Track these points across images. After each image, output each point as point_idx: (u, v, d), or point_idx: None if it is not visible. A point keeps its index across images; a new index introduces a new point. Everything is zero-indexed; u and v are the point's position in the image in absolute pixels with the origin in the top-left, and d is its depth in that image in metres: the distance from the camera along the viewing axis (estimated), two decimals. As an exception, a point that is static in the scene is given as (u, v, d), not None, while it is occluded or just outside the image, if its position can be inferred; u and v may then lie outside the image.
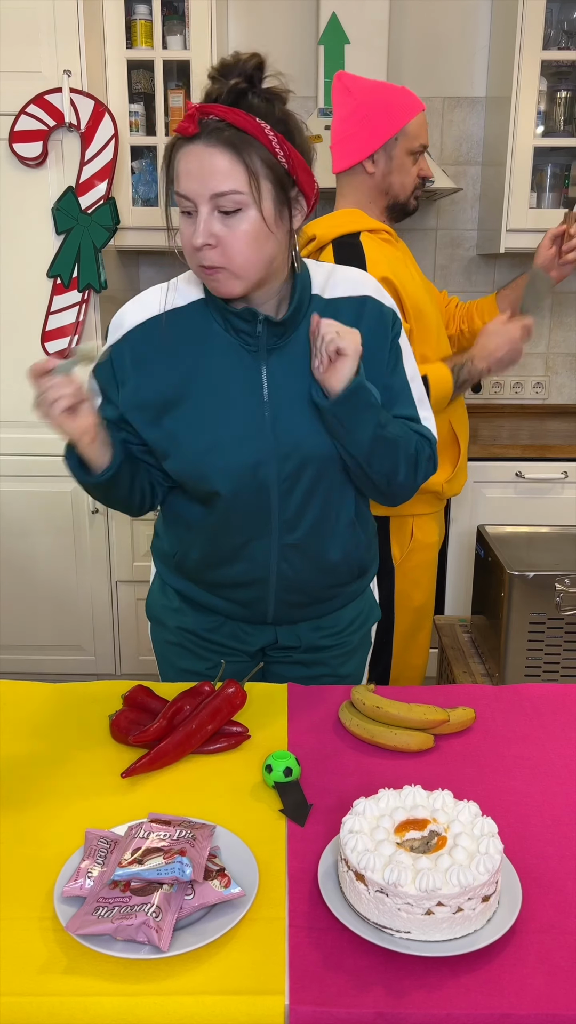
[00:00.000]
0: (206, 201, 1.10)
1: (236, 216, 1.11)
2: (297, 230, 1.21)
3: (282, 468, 1.27)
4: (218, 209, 1.11)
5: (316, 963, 0.85)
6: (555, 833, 1.05)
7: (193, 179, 1.09)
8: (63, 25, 2.52)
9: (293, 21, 3.04)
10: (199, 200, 1.10)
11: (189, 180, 1.10)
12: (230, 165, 1.08)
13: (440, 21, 3.04)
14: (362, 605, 1.53)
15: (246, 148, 1.08)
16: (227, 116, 1.07)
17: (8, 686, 1.39)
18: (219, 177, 1.08)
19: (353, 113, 1.89)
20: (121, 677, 3.03)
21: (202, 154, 1.08)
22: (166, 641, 1.52)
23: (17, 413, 2.81)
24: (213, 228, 1.12)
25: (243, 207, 1.11)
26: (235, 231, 1.12)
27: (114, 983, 0.82)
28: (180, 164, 1.10)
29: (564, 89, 2.86)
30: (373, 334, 1.27)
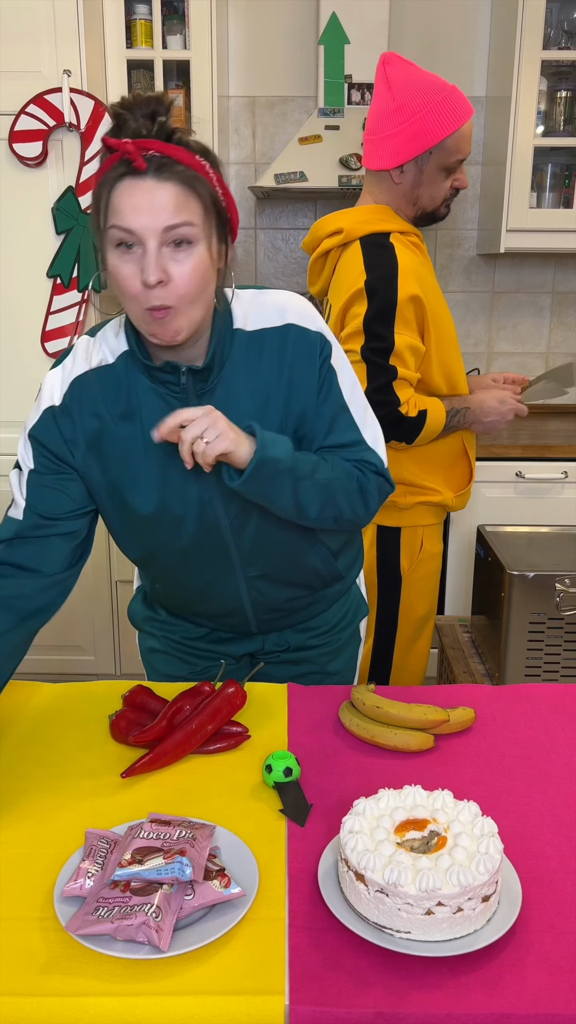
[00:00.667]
0: (156, 236, 1.05)
1: (184, 250, 1.07)
2: (228, 266, 1.17)
3: (229, 508, 1.25)
4: (166, 244, 1.06)
5: (316, 963, 0.85)
6: (555, 833, 1.05)
7: (143, 213, 1.04)
8: (63, 25, 2.52)
9: (293, 21, 3.04)
10: (147, 235, 1.05)
11: (138, 215, 1.04)
12: (184, 198, 1.05)
13: (440, 21, 3.04)
14: (348, 603, 1.53)
15: (196, 182, 1.07)
16: (172, 153, 1.05)
17: (8, 686, 1.39)
18: (171, 211, 1.05)
19: (388, 113, 1.76)
20: (121, 677, 3.03)
21: (153, 189, 1.04)
22: (151, 648, 1.52)
23: (17, 413, 2.80)
24: (163, 263, 1.06)
25: (194, 241, 1.07)
26: (183, 266, 1.07)
27: (114, 983, 0.82)
28: (123, 199, 1.05)
29: (564, 89, 2.86)
30: (299, 363, 1.22)
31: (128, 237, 1.06)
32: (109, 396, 1.21)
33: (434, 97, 1.74)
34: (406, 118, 1.74)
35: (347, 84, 2.84)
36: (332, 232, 1.87)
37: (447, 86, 1.76)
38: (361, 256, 1.78)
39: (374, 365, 1.75)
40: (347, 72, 2.84)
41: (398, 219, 1.85)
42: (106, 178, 1.06)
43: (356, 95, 2.86)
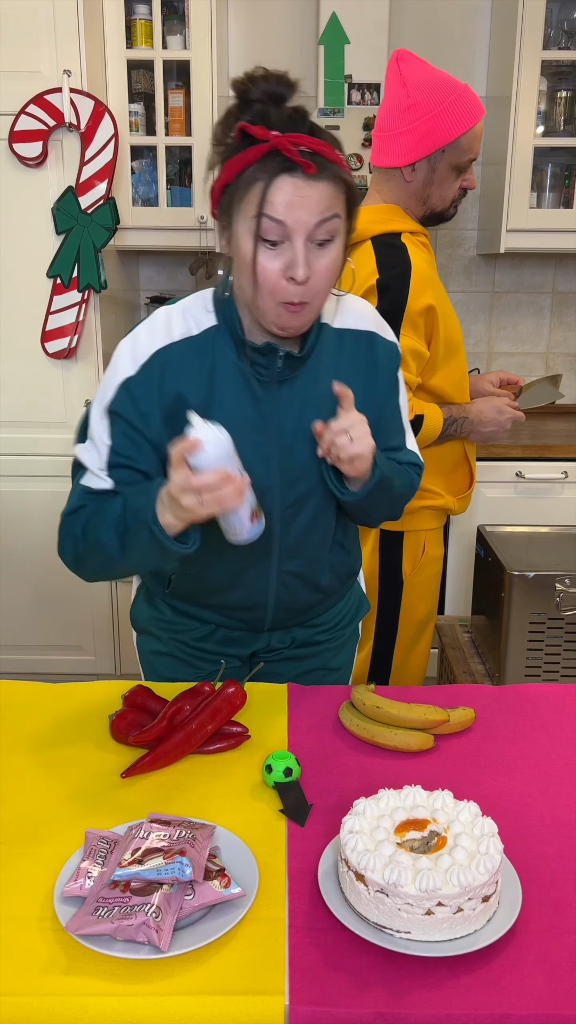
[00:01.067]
0: (305, 232, 1.08)
1: (326, 247, 1.11)
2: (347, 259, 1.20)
3: (286, 496, 1.28)
4: (311, 241, 1.09)
5: (316, 963, 0.85)
6: (555, 833, 1.05)
7: (297, 209, 1.06)
8: (63, 25, 2.52)
9: (293, 21, 3.04)
10: (298, 231, 1.08)
11: (291, 211, 1.06)
12: (334, 195, 1.08)
13: (440, 21, 3.04)
14: (352, 599, 1.55)
15: (342, 176, 1.09)
16: (320, 149, 1.07)
17: (8, 686, 1.39)
18: (324, 207, 1.08)
19: (402, 111, 1.75)
20: (121, 677, 3.03)
21: (307, 186, 1.06)
22: (154, 652, 1.50)
23: (17, 413, 2.81)
24: (308, 259, 1.09)
25: (335, 237, 1.11)
26: (323, 263, 1.11)
27: (114, 983, 0.82)
28: (278, 194, 1.06)
29: (564, 89, 2.86)
30: (376, 370, 1.30)
31: (278, 231, 1.08)
32: (190, 370, 1.22)
33: (449, 95, 1.74)
34: (420, 115, 1.73)
35: (347, 84, 2.84)
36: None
37: (460, 85, 1.76)
38: (373, 256, 1.77)
39: None
40: (347, 72, 2.84)
41: (408, 219, 1.84)
42: (256, 171, 1.07)
43: (356, 95, 2.86)
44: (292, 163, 1.05)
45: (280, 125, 1.07)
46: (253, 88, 1.08)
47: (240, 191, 1.09)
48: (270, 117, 1.07)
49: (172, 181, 2.92)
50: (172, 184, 2.92)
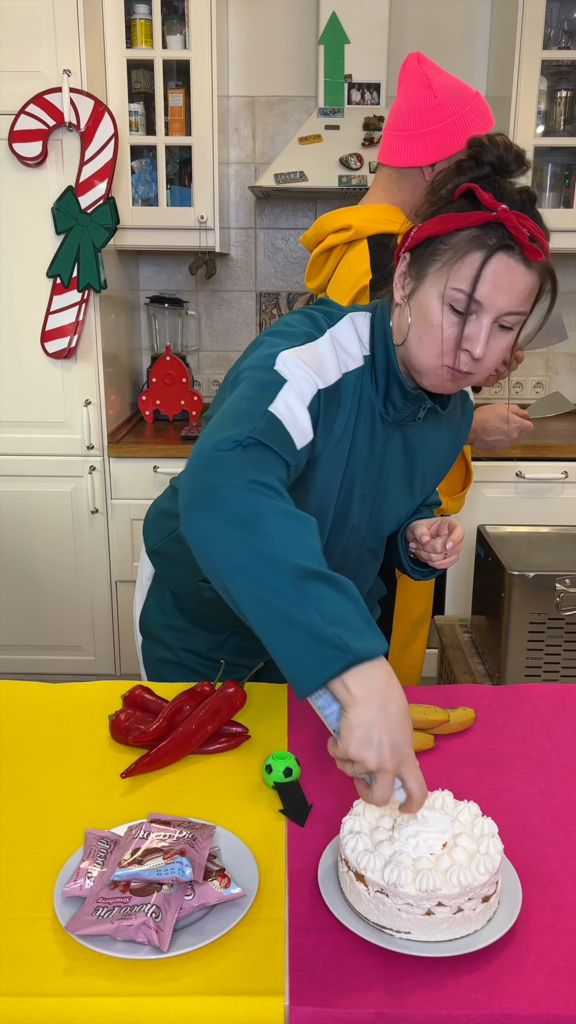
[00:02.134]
0: (495, 314, 1.05)
1: (507, 332, 1.08)
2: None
3: (368, 538, 1.32)
4: (497, 323, 1.06)
5: (316, 963, 0.85)
6: (555, 833, 1.05)
7: (502, 293, 1.03)
8: (63, 25, 2.52)
9: (293, 21, 3.04)
10: (490, 312, 1.04)
11: (498, 293, 1.03)
12: (535, 288, 1.06)
13: (440, 21, 3.04)
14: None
15: (550, 273, 1.07)
16: (541, 239, 1.04)
17: (8, 686, 1.39)
18: (524, 298, 1.05)
19: (427, 110, 1.75)
20: (121, 677, 3.03)
21: (519, 272, 1.03)
22: (161, 659, 1.48)
23: (17, 413, 2.81)
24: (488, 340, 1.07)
25: (515, 327, 1.08)
26: (499, 345, 1.08)
27: (114, 983, 0.82)
28: (489, 272, 1.02)
29: (564, 89, 2.86)
30: (461, 428, 1.36)
31: (472, 307, 1.04)
32: (350, 397, 1.16)
33: (471, 99, 1.75)
34: (446, 116, 1.74)
35: (347, 84, 2.84)
36: (339, 228, 1.85)
37: (475, 91, 1.79)
38: (368, 255, 1.77)
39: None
40: (347, 72, 2.84)
41: (407, 221, 1.84)
42: (478, 239, 1.02)
43: (356, 95, 2.86)
44: (513, 242, 1.01)
45: (509, 200, 1.03)
46: (487, 151, 1.04)
47: (449, 252, 1.05)
48: (502, 188, 1.03)
49: (172, 181, 2.92)
50: (172, 184, 2.92)
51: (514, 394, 3.36)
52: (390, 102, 3.01)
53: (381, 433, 1.21)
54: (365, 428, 1.19)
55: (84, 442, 2.80)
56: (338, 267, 1.87)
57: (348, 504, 1.23)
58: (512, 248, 1.02)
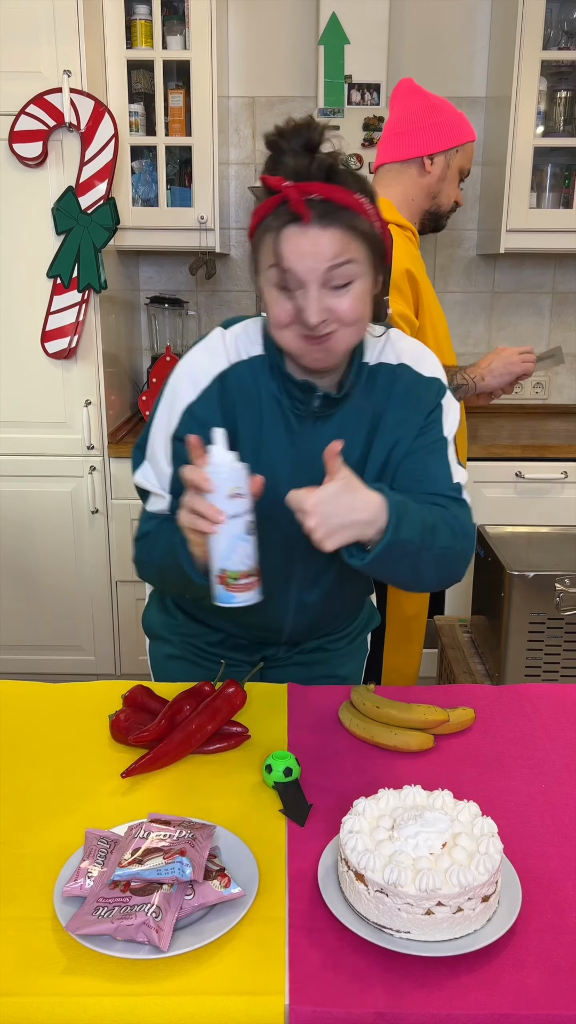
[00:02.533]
0: (317, 279, 1.08)
1: (344, 289, 1.10)
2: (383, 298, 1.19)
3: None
4: (327, 285, 1.09)
5: (316, 963, 0.85)
6: (555, 833, 1.05)
7: (307, 258, 1.07)
8: (63, 25, 2.52)
9: (293, 21, 3.04)
10: (310, 278, 1.08)
11: (302, 260, 1.07)
12: (346, 241, 1.07)
13: (440, 21, 3.04)
14: (363, 615, 1.56)
15: (355, 226, 1.08)
16: (332, 195, 1.06)
17: (8, 686, 1.39)
18: (334, 254, 1.07)
19: (423, 110, 1.90)
20: (121, 677, 3.03)
21: (317, 236, 1.06)
22: (167, 656, 1.51)
23: (17, 413, 2.80)
24: (324, 303, 1.09)
25: (353, 279, 1.09)
26: (344, 300, 1.10)
27: (114, 983, 0.82)
28: (286, 246, 1.07)
29: (564, 89, 2.86)
30: (412, 406, 1.24)
31: (291, 279, 1.08)
32: (239, 395, 1.22)
33: (457, 110, 1.93)
34: (443, 114, 1.90)
35: (347, 84, 2.84)
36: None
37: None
38: None
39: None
40: (347, 72, 2.84)
41: (398, 214, 1.92)
42: (268, 223, 1.08)
43: (356, 95, 2.86)
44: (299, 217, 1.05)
45: (295, 175, 1.06)
46: (281, 141, 1.08)
47: (259, 241, 1.11)
48: (288, 167, 1.07)
49: (172, 181, 2.92)
50: (172, 184, 2.92)
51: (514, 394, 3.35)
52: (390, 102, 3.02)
53: (299, 428, 1.23)
54: (276, 424, 1.22)
55: (84, 442, 2.80)
56: None
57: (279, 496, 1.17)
58: (300, 218, 1.05)
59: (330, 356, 1.15)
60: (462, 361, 3.36)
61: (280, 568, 1.28)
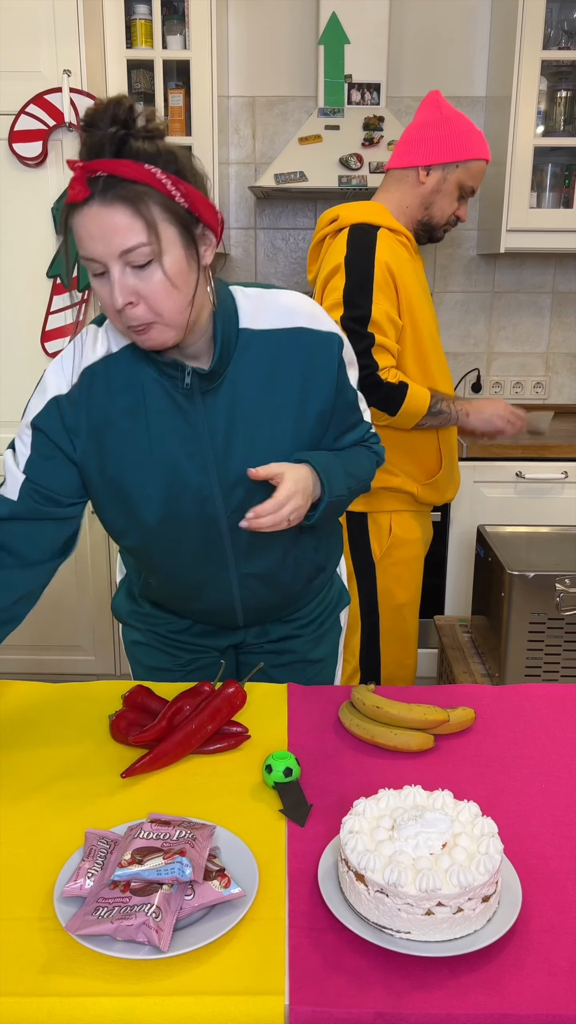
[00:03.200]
0: (115, 260, 1.05)
1: (148, 268, 1.06)
2: (209, 265, 1.16)
3: (228, 501, 1.26)
4: (129, 265, 1.06)
5: (316, 963, 0.85)
6: (555, 833, 1.05)
7: (97, 241, 1.04)
8: (63, 25, 2.52)
9: (293, 21, 3.04)
10: (108, 260, 1.05)
11: (93, 243, 1.04)
12: (130, 220, 1.03)
13: (440, 21, 3.04)
14: (331, 595, 1.56)
15: (141, 199, 1.03)
16: (115, 170, 1.02)
17: (8, 686, 1.39)
18: (121, 234, 1.03)
19: (434, 123, 1.93)
20: (121, 677, 3.03)
21: (99, 215, 1.03)
22: (134, 641, 1.54)
23: (17, 413, 2.80)
24: (129, 284, 1.06)
25: (153, 258, 1.06)
26: (151, 283, 1.07)
27: (114, 983, 0.82)
28: (79, 229, 1.05)
29: (564, 89, 2.86)
30: (316, 367, 1.24)
31: (92, 265, 1.07)
32: (116, 387, 1.21)
33: (472, 127, 1.95)
34: (449, 129, 1.92)
35: (347, 84, 2.84)
36: (330, 221, 1.99)
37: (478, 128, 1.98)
38: (346, 240, 1.90)
39: (353, 333, 1.84)
40: (347, 72, 2.84)
41: (392, 219, 1.95)
42: (66, 210, 1.06)
43: (356, 95, 2.86)
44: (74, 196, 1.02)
45: (88, 153, 1.03)
46: (88, 119, 1.03)
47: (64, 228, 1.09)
48: (84, 146, 1.03)
49: (172, 181, 2.92)
50: (172, 184, 2.91)
51: (514, 394, 3.36)
52: (390, 102, 3.02)
53: (188, 405, 1.21)
54: (163, 405, 1.21)
55: (84, 442, 2.80)
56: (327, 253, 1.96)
57: (181, 476, 1.22)
58: (88, 200, 1.02)
59: (158, 339, 1.12)
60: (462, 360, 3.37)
61: (209, 545, 1.30)
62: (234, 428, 1.23)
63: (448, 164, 1.92)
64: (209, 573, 1.33)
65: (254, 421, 1.23)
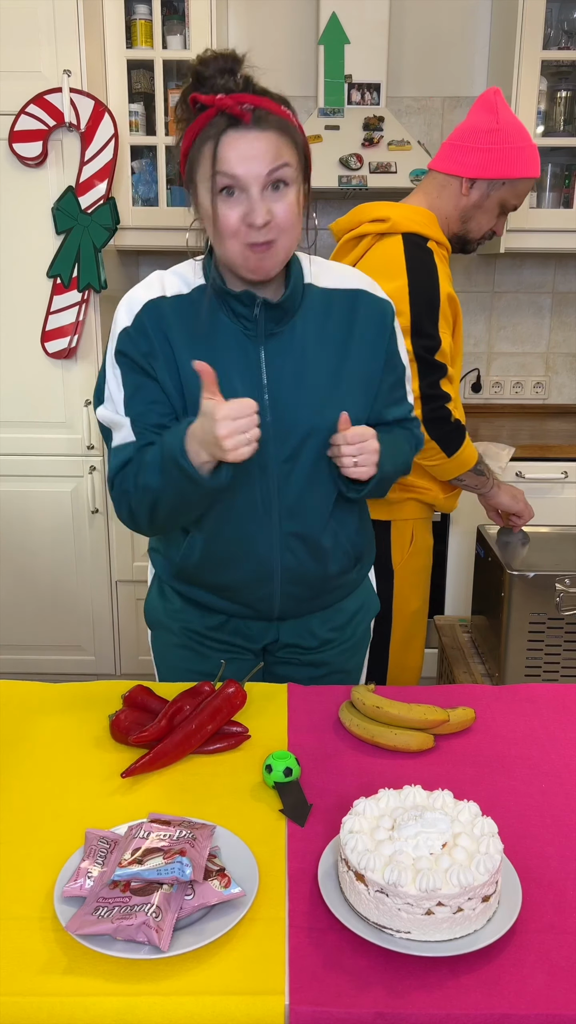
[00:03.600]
0: (259, 181, 1.16)
1: (282, 191, 1.18)
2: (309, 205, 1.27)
3: (280, 450, 1.30)
4: (266, 187, 1.17)
5: (316, 963, 0.85)
6: (555, 833, 1.05)
7: (250, 161, 1.15)
8: (63, 25, 2.52)
9: (293, 21, 3.04)
10: (252, 181, 1.16)
11: (245, 163, 1.15)
12: (281, 144, 1.16)
13: (440, 21, 3.04)
14: (363, 596, 1.55)
15: (288, 128, 1.18)
16: (264, 104, 1.16)
17: (8, 686, 1.39)
18: (272, 154, 1.15)
19: (486, 131, 1.84)
20: (121, 677, 3.03)
21: (255, 139, 1.15)
22: (169, 644, 1.52)
23: (17, 413, 2.81)
24: (267, 205, 1.17)
25: (290, 182, 1.18)
26: (284, 203, 1.18)
27: (114, 983, 0.82)
28: (228, 150, 1.14)
29: (564, 89, 2.86)
30: (368, 327, 1.35)
31: (234, 183, 1.16)
32: (184, 322, 1.28)
33: (528, 142, 1.85)
34: (501, 142, 1.83)
35: (347, 84, 2.84)
36: (376, 219, 1.91)
37: (533, 142, 1.89)
38: (403, 250, 1.84)
39: (424, 362, 1.82)
40: (347, 72, 2.84)
41: (440, 231, 1.91)
42: (207, 132, 1.16)
43: (356, 95, 2.86)
44: (237, 119, 1.14)
45: (224, 90, 1.15)
46: (204, 68, 1.16)
47: (195, 153, 1.18)
48: (216, 86, 1.15)
49: (172, 181, 2.92)
50: (172, 184, 2.91)
51: (514, 394, 3.36)
52: (390, 102, 3.01)
53: (252, 348, 1.29)
54: (228, 347, 1.29)
55: (84, 442, 2.80)
56: (367, 255, 1.90)
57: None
58: (237, 123, 1.14)
59: (271, 261, 1.22)
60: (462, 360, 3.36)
61: (257, 494, 1.32)
62: (292, 377, 1.30)
63: (494, 180, 1.84)
64: (255, 528, 1.34)
65: (310, 372, 1.31)
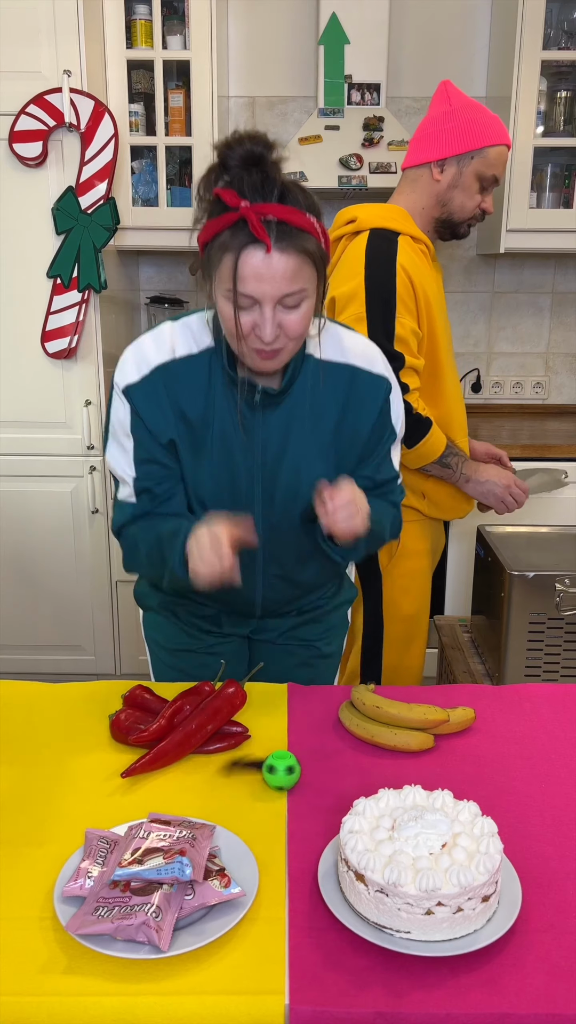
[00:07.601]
0: (272, 301, 1.14)
1: (295, 308, 1.16)
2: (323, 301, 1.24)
3: (268, 511, 1.34)
4: (280, 304, 1.15)
5: (316, 963, 0.85)
6: (555, 833, 1.05)
7: (264, 283, 1.12)
8: (63, 25, 2.52)
9: (293, 21, 3.04)
10: (266, 301, 1.13)
11: (260, 284, 1.12)
12: (299, 266, 1.12)
13: (440, 21, 3.04)
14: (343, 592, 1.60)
15: (309, 246, 1.13)
16: (288, 217, 1.10)
17: (8, 686, 1.39)
18: (288, 280, 1.12)
19: (443, 115, 1.85)
20: (121, 677, 3.03)
21: (272, 259, 1.11)
22: (156, 624, 1.56)
23: (17, 413, 2.81)
24: (277, 320, 1.16)
25: (302, 302, 1.16)
26: (295, 317, 1.17)
27: (114, 983, 0.82)
28: (247, 269, 1.11)
29: (564, 89, 2.86)
30: (364, 404, 1.33)
31: (247, 300, 1.14)
32: (190, 387, 1.29)
33: (485, 113, 1.86)
34: (457, 120, 1.84)
35: (347, 84, 2.84)
36: (347, 221, 1.92)
37: (496, 116, 1.89)
38: (364, 246, 1.83)
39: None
40: (347, 72, 2.84)
41: (413, 225, 1.88)
42: (226, 242, 1.12)
43: (356, 95, 2.86)
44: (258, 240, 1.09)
45: (251, 193, 1.09)
46: (231, 153, 1.11)
47: (215, 255, 1.14)
48: (243, 183, 1.10)
49: (172, 181, 2.92)
50: (172, 184, 2.92)
51: (514, 394, 3.36)
52: (390, 102, 3.01)
53: (250, 415, 1.30)
54: (228, 410, 1.29)
55: (84, 442, 2.80)
56: (342, 257, 1.91)
57: (234, 481, 1.32)
58: (259, 241, 1.09)
59: (275, 364, 1.23)
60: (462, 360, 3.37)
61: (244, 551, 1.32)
62: (283, 445, 1.31)
63: (462, 156, 1.83)
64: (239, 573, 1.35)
65: (300, 441, 1.32)
